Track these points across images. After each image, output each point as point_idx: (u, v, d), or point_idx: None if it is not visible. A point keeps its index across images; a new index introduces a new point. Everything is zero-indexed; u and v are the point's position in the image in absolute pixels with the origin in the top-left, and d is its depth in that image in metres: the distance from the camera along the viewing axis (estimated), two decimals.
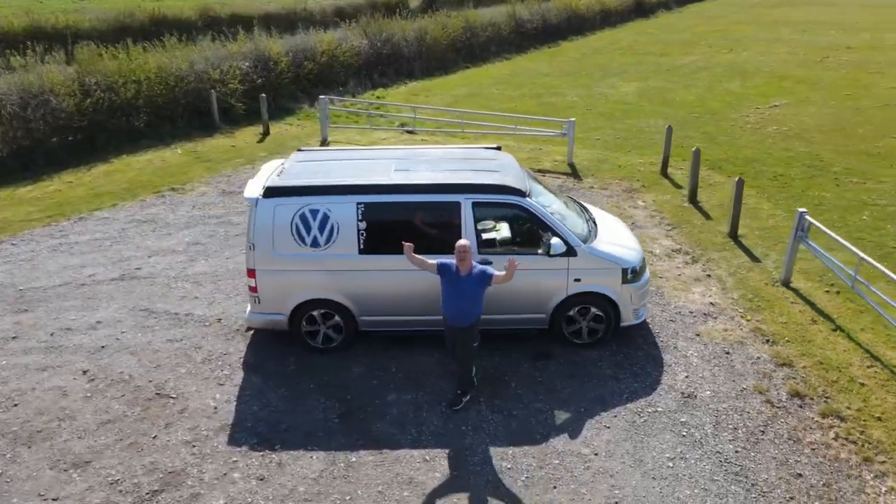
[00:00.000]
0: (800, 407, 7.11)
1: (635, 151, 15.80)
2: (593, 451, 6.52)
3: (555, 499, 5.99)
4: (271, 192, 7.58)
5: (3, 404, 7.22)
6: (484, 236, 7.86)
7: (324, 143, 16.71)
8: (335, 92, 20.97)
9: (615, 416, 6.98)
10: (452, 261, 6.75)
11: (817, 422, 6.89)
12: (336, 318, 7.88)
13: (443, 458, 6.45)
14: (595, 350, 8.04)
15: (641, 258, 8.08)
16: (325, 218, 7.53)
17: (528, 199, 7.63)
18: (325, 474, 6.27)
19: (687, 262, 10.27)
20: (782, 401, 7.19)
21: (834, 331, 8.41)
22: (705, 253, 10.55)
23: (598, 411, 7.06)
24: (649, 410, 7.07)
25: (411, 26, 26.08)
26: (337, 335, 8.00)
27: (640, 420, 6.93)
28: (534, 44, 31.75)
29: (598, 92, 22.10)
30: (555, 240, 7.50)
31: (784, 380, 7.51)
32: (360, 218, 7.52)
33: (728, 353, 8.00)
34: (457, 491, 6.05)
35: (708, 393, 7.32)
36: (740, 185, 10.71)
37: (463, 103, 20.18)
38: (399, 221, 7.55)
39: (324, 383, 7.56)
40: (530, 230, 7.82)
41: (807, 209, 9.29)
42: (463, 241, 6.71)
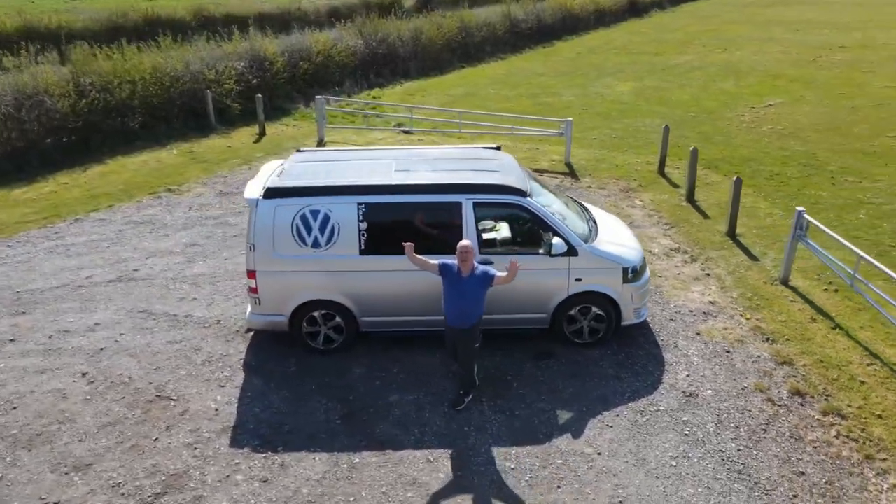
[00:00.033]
0: (801, 405, 7.14)
1: (632, 151, 15.83)
2: (596, 450, 6.53)
3: (559, 498, 5.98)
4: (272, 193, 7.54)
5: (1, 407, 7.16)
6: (485, 236, 7.85)
7: (320, 143, 16.67)
8: (331, 92, 20.94)
9: (617, 416, 6.99)
10: (454, 261, 6.73)
11: (818, 420, 6.92)
12: (337, 318, 7.86)
13: (446, 459, 6.44)
14: (596, 349, 8.05)
15: (642, 257, 8.09)
16: (326, 218, 7.51)
17: (530, 198, 7.63)
18: (329, 476, 6.25)
19: (686, 262, 10.29)
20: (783, 399, 7.22)
21: (833, 329, 8.44)
22: (704, 252, 10.57)
23: (600, 410, 7.07)
24: (651, 409, 7.08)
25: (406, 26, 26.06)
26: (338, 336, 7.98)
27: (643, 419, 6.94)
28: (529, 44, 31.79)
29: (593, 92, 22.14)
30: (556, 239, 7.50)
31: (785, 378, 7.54)
32: (361, 218, 7.50)
33: (728, 352, 8.02)
34: (461, 492, 6.04)
35: (709, 392, 7.33)
36: (738, 185, 10.74)
37: (459, 103, 20.17)
38: (400, 222, 7.53)
39: (325, 384, 7.54)
40: (531, 230, 7.81)
41: (804, 208, 9.32)
42: (465, 241, 6.70)
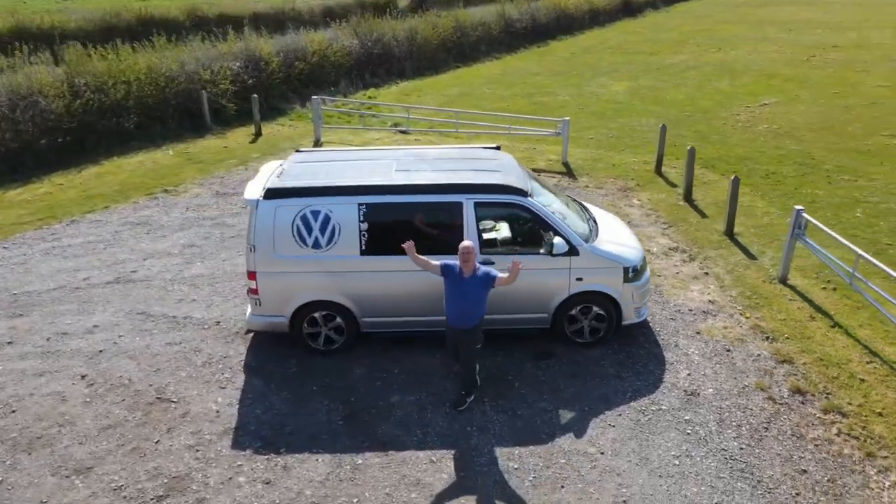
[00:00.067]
0: (801, 403, 7.16)
1: (629, 150, 15.86)
2: (599, 449, 6.53)
3: (563, 498, 5.99)
4: (272, 194, 7.51)
5: (0, 410, 7.11)
6: (486, 236, 7.85)
7: (317, 143, 16.63)
8: (326, 92, 20.89)
9: (619, 415, 7.00)
10: (456, 262, 6.72)
11: (819, 418, 6.95)
12: (337, 319, 7.83)
13: (449, 460, 6.43)
14: (596, 349, 8.06)
15: (642, 257, 8.11)
16: (327, 219, 7.48)
17: (531, 198, 7.63)
18: (332, 477, 6.23)
19: (684, 261, 10.31)
20: (784, 397, 7.24)
21: (832, 327, 8.48)
22: (702, 251, 10.60)
23: (602, 410, 7.07)
24: (653, 409, 7.09)
25: (401, 26, 26.03)
26: (338, 337, 7.95)
27: (645, 418, 6.95)
28: (523, 43, 31.82)
29: (589, 91, 22.17)
30: (557, 239, 7.50)
31: (785, 376, 7.57)
32: (362, 219, 7.48)
33: (729, 351, 8.04)
34: (465, 492, 6.03)
35: (710, 390, 7.35)
36: (736, 184, 10.77)
37: (455, 103, 20.17)
38: (401, 222, 7.51)
39: (326, 385, 7.51)
40: (532, 230, 7.81)
41: (802, 207, 9.35)
42: (466, 242, 6.68)
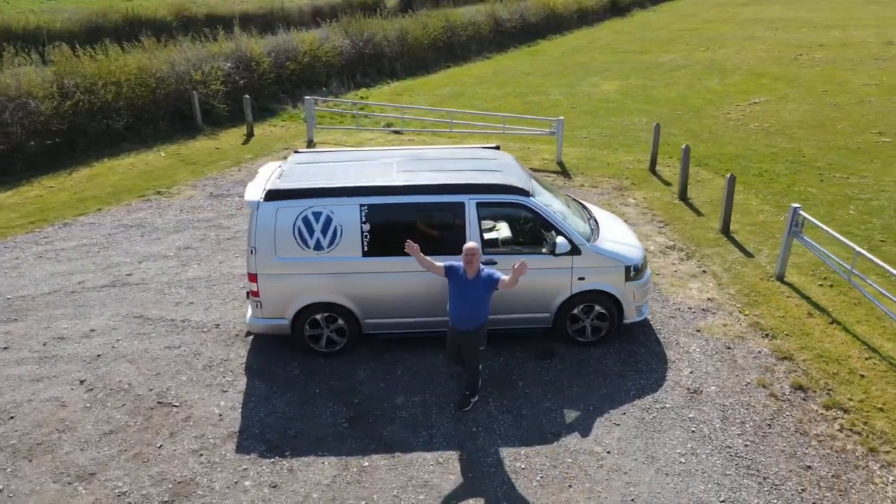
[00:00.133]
0: (803, 400, 7.22)
1: (622, 149, 15.92)
2: (605, 448, 6.54)
3: (571, 498, 5.99)
4: (273, 195, 7.46)
5: None
6: (488, 236, 7.84)
7: (310, 144, 16.55)
8: (318, 92, 20.81)
9: (624, 414, 7.01)
10: (460, 263, 6.70)
11: (821, 414, 7.00)
12: (339, 321, 7.79)
13: (456, 461, 6.41)
14: (598, 348, 8.07)
15: (643, 255, 8.12)
16: (329, 220, 7.44)
17: (532, 198, 7.63)
18: (339, 480, 6.20)
19: (682, 259, 10.36)
20: (786, 394, 7.29)
21: (831, 324, 8.55)
22: (699, 249, 10.66)
23: (606, 409, 7.09)
24: (657, 407, 7.11)
25: (392, 26, 25.97)
26: (340, 338, 7.91)
27: (649, 417, 6.97)
28: (514, 43, 31.87)
29: (580, 90, 22.23)
30: (560, 239, 7.51)
31: (786, 373, 7.62)
32: (364, 220, 7.44)
33: (729, 348, 8.09)
34: (473, 494, 6.02)
35: (713, 388, 7.39)
36: (732, 182, 10.83)
37: (448, 103, 20.15)
38: (403, 223, 7.48)
39: (330, 387, 7.47)
40: (534, 230, 7.81)
41: (799, 204, 9.42)
42: (470, 243, 6.65)
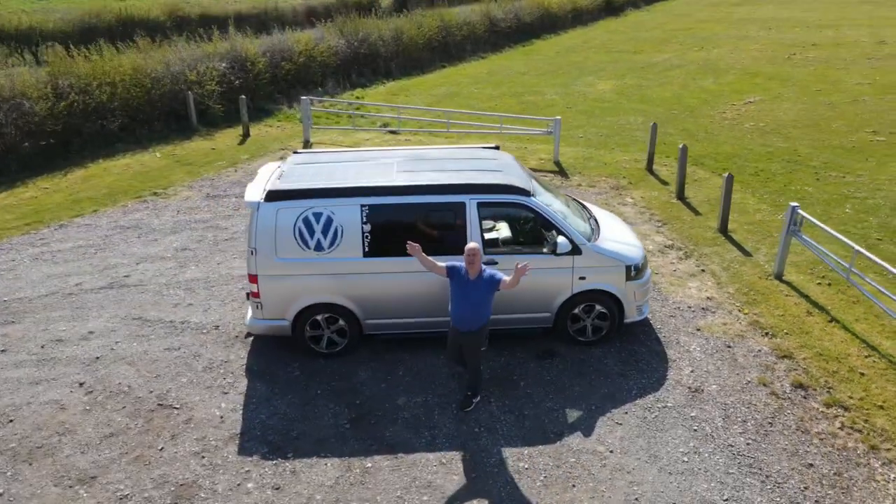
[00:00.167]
0: (804, 398, 7.24)
1: (619, 149, 15.95)
2: (608, 448, 6.55)
3: (575, 497, 5.99)
4: (273, 196, 7.43)
5: None
6: (489, 236, 7.83)
7: (306, 144, 16.51)
8: (313, 92, 20.74)
9: (626, 413, 7.02)
10: (461, 263, 6.69)
11: (822, 412, 7.02)
12: (340, 322, 7.77)
13: (459, 461, 6.40)
14: (599, 347, 8.08)
15: (643, 255, 8.13)
16: (329, 221, 7.42)
17: (533, 198, 7.63)
18: (342, 481, 6.18)
19: (680, 258, 10.38)
20: (787, 392, 7.32)
21: (829, 322, 8.58)
22: (697, 248, 10.68)
23: (608, 408, 7.09)
24: (659, 406, 7.12)
25: (387, 26, 25.93)
26: (341, 339, 7.89)
27: (651, 416, 6.98)
28: (508, 42, 31.88)
29: (576, 90, 22.26)
30: (561, 238, 7.51)
31: (786, 371, 7.65)
32: (365, 220, 7.42)
33: (730, 347, 8.11)
34: (477, 494, 6.01)
35: (714, 387, 7.41)
36: (730, 181, 10.86)
37: (443, 103, 20.14)
38: (404, 223, 7.46)
39: (331, 388, 7.45)
40: (535, 229, 7.81)
41: (797, 203, 9.45)
42: (472, 244, 6.63)
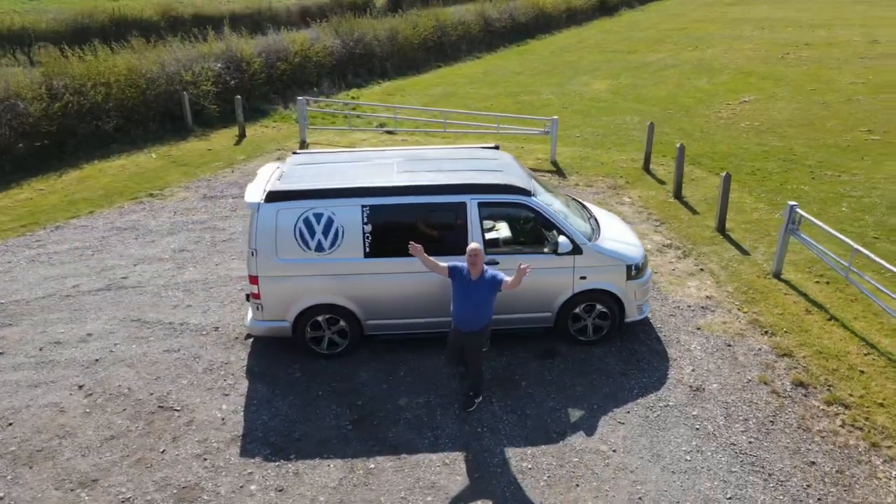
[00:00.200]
0: (804, 396, 7.27)
1: (615, 148, 15.97)
2: (611, 447, 6.55)
3: (579, 497, 5.99)
4: (273, 197, 7.40)
5: None
6: (489, 236, 7.83)
7: (302, 144, 16.47)
8: (309, 93, 20.69)
9: (628, 412, 7.03)
10: (463, 264, 6.68)
11: (823, 410, 7.05)
12: (341, 322, 7.75)
13: (462, 461, 6.39)
14: (600, 347, 8.09)
15: (643, 254, 8.15)
16: (330, 222, 7.40)
17: (534, 198, 7.63)
18: (345, 482, 6.16)
19: (679, 257, 10.41)
20: (787, 391, 7.34)
21: (828, 320, 8.62)
22: (696, 247, 10.71)
23: (610, 407, 7.10)
24: (661, 405, 7.13)
25: (382, 26, 25.90)
26: (342, 340, 7.87)
27: (653, 415, 6.99)
28: (503, 42, 31.91)
29: (571, 90, 22.29)
30: (562, 238, 7.51)
31: (786, 370, 7.67)
32: (366, 221, 7.41)
33: (730, 346, 8.13)
34: (481, 494, 6.00)
35: (715, 385, 7.42)
36: (727, 180, 10.89)
37: (439, 103, 20.13)
38: (405, 223, 7.45)
39: (332, 389, 7.43)
40: (536, 229, 7.81)
41: (795, 202, 9.49)
42: (474, 244, 6.62)
